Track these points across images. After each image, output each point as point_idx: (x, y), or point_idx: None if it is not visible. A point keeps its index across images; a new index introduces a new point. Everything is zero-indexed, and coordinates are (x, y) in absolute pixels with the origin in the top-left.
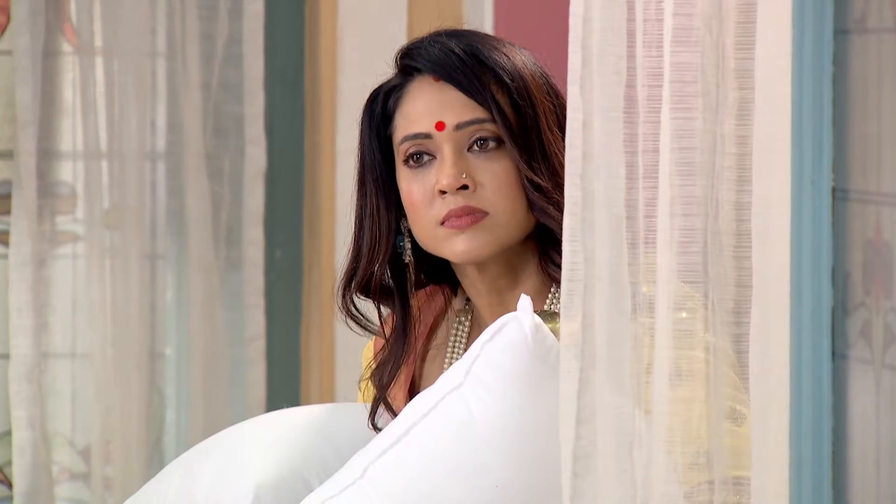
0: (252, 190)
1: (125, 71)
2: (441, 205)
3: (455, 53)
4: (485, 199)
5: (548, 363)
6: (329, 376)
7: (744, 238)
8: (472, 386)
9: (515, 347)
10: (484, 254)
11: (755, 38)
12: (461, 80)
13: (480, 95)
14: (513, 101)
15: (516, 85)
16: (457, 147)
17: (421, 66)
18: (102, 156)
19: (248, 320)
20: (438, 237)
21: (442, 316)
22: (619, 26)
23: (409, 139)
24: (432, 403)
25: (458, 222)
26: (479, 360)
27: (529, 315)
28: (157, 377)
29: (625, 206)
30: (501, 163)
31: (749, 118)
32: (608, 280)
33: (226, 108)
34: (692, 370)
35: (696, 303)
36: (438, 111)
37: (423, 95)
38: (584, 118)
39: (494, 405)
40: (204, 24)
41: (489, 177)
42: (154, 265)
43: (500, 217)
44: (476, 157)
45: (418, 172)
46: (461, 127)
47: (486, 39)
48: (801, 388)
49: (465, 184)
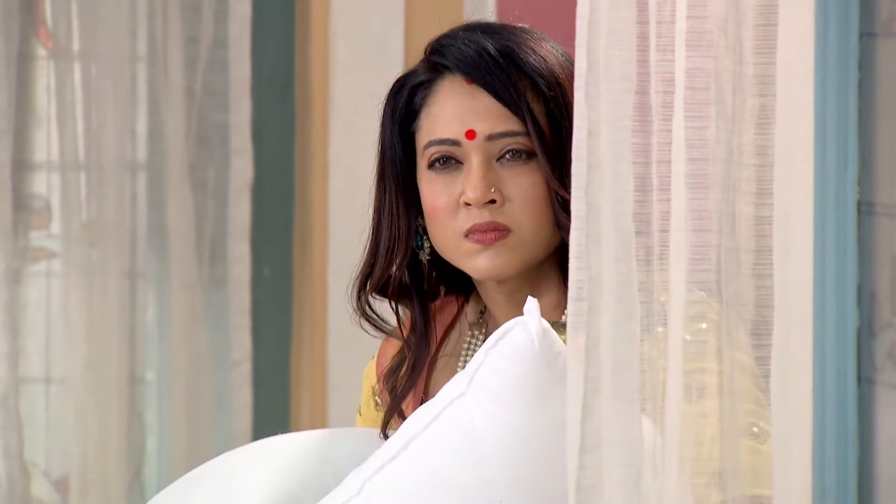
0: (238, 203)
1: (104, 76)
2: (465, 217)
3: (490, 55)
4: (511, 215)
5: (555, 370)
6: (321, 403)
7: (764, 255)
8: (475, 395)
9: (521, 353)
10: (506, 272)
11: (776, 41)
12: (496, 86)
13: (515, 105)
14: (548, 111)
15: (553, 94)
16: (486, 157)
17: (452, 66)
18: (79, 167)
19: (234, 342)
20: (461, 250)
21: (454, 326)
22: (627, 29)
23: (435, 144)
24: (433, 414)
25: (482, 237)
26: (482, 367)
27: (536, 319)
28: (137, 403)
29: (634, 221)
30: (532, 177)
31: (769, 127)
32: (615, 299)
33: (210, 116)
34: (704, 386)
35: (713, 313)
36: (469, 118)
37: (453, 98)
38: (590, 127)
39: (499, 415)
40: (187, 26)
41: (518, 191)
42: (134, 283)
43: (526, 235)
44: (505, 169)
45: (442, 177)
46: (493, 138)
47: (521, 37)
48: (825, 414)
49: (493, 198)
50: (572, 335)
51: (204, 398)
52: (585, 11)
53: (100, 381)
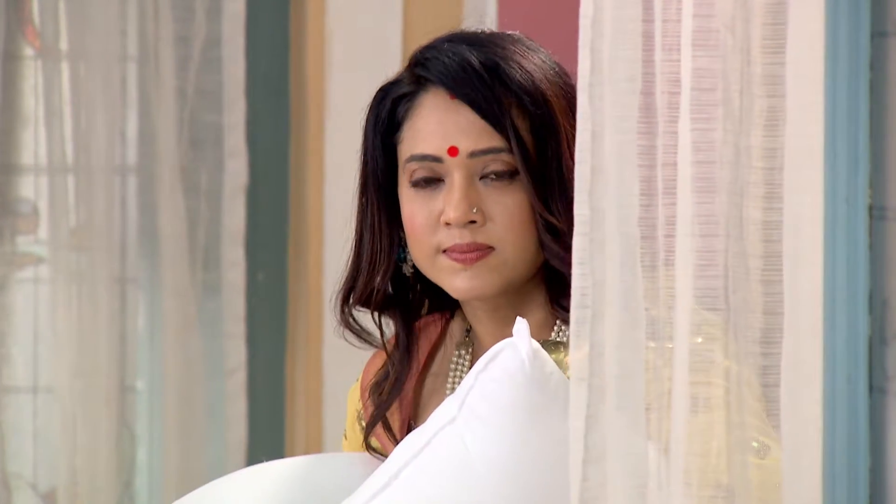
0: (232, 207)
1: (93, 77)
2: (446, 235)
3: (474, 68)
4: (493, 234)
5: (547, 391)
6: (316, 412)
7: (772, 261)
8: (466, 420)
9: (512, 375)
10: (487, 293)
11: (785, 40)
12: (479, 102)
13: (499, 121)
14: (533, 128)
15: (540, 112)
16: (468, 175)
17: (435, 80)
18: (68, 170)
19: (228, 350)
20: (438, 266)
21: (439, 344)
22: (632, 28)
23: (416, 159)
24: (424, 441)
25: (462, 257)
26: (473, 391)
27: (526, 340)
28: (127, 413)
29: (639, 226)
30: (515, 197)
31: (778, 129)
32: (619, 306)
33: (203, 117)
34: (710, 400)
35: (715, 328)
36: (452, 134)
37: (436, 113)
38: (594, 129)
39: (492, 439)
40: (179, 25)
41: (500, 210)
42: (124, 290)
43: (508, 255)
44: (487, 188)
45: (424, 194)
46: (476, 155)
47: (507, 50)
48: (836, 425)
49: (474, 219)
50: (575, 343)
51: (197, 408)
52: (589, 10)
53: (89, 390)
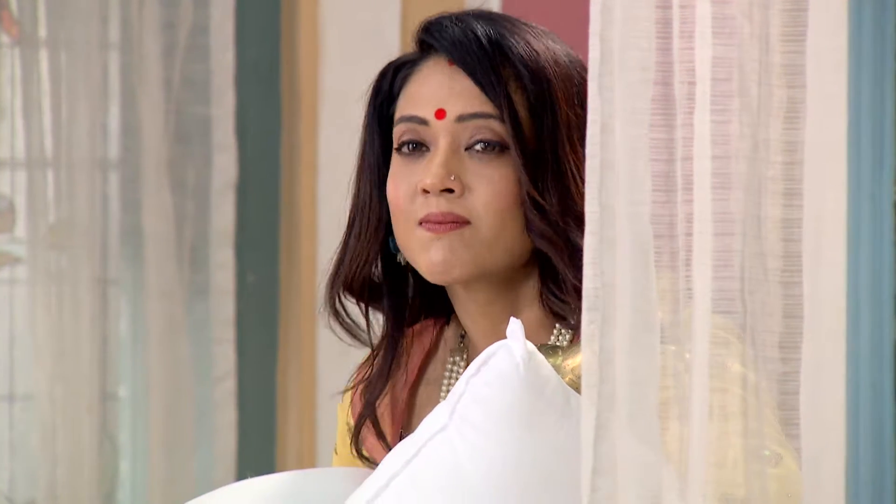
0: (220, 204)
1: (73, 66)
2: (422, 204)
3: (476, 37)
4: (471, 207)
5: (544, 396)
6: (309, 420)
7: (792, 260)
8: (458, 426)
9: (505, 379)
10: (462, 272)
11: (806, 28)
12: (475, 67)
13: (493, 89)
14: (530, 105)
15: (537, 88)
16: (454, 142)
17: (436, 45)
18: (47, 164)
19: (216, 356)
20: (414, 241)
21: (433, 353)
22: (645, 14)
23: (404, 121)
24: (415, 450)
25: (434, 227)
26: (464, 396)
27: (521, 342)
28: (109, 422)
29: (653, 223)
30: (501, 171)
31: (798, 121)
32: (631, 308)
33: (190, 109)
34: (726, 408)
35: (728, 333)
36: (443, 97)
37: (432, 77)
38: (604, 121)
39: (485, 447)
40: (164, 10)
41: (482, 183)
42: (106, 291)
43: (484, 231)
44: (473, 159)
45: (408, 163)
46: (464, 119)
47: (518, 27)
48: (859, 434)
49: (451, 187)
50: (586, 347)
51: (183, 417)
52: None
53: (69, 398)
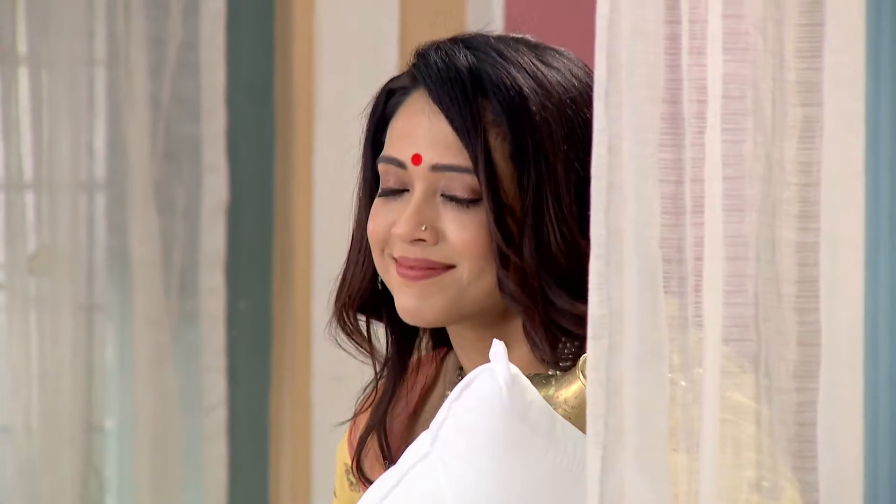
0: (211, 227)
1: (56, 83)
2: (397, 245)
3: (458, 73)
4: (448, 252)
5: (527, 422)
6: (304, 453)
7: (807, 286)
8: (440, 454)
9: (487, 404)
10: (435, 318)
11: (822, 43)
12: (453, 113)
13: (468, 138)
14: (514, 153)
15: (519, 135)
16: (429, 189)
17: (419, 79)
18: (26, 186)
19: (206, 386)
20: (390, 278)
21: (433, 387)
22: (653, 30)
23: (385, 161)
24: (395, 480)
25: (407, 272)
26: (446, 422)
27: (503, 364)
28: (94, 455)
29: (662, 247)
30: (476, 219)
31: (814, 141)
32: (638, 336)
33: (179, 128)
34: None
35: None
36: (419, 141)
37: (413, 116)
38: (611, 141)
39: (467, 475)
40: (152, 25)
41: (455, 231)
42: (91, 319)
43: (465, 274)
44: (447, 206)
45: (388, 202)
46: (438, 169)
47: (509, 57)
48: (878, 468)
49: (422, 237)
50: (592, 377)
51: (172, 450)
52: (605, 10)
53: (50, 430)
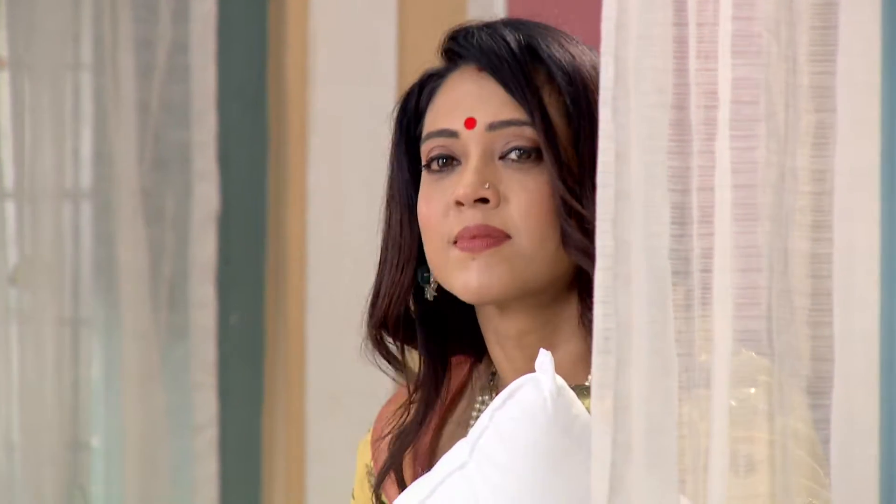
0: (201, 237)
1: (39, 88)
2: (455, 219)
3: (505, 41)
4: (508, 219)
5: (572, 435)
6: (298, 473)
7: (821, 299)
8: (479, 465)
9: (531, 415)
10: (501, 291)
11: (836, 47)
12: (505, 71)
13: (523, 94)
14: (566, 109)
15: (573, 91)
16: (487, 151)
17: (462, 52)
18: (8, 196)
19: (197, 402)
20: (449, 262)
21: (464, 391)
22: (661, 32)
23: (433, 136)
24: (430, 489)
25: (471, 244)
26: (487, 431)
27: (550, 375)
28: (79, 474)
29: (670, 259)
30: (538, 179)
31: (828, 148)
32: (648, 351)
33: (168, 134)
34: (753, 458)
35: (763, 374)
36: (472, 106)
37: (460, 87)
38: (618, 149)
39: (506, 488)
40: (140, 27)
41: (519, 192)
42: (76, 333)
43: (524, 244)
44: (508, 168)
45: (440, 180)
46: (495, 127)
47: (551, 31)
48: (893, 486)
49: (486, 196)
50: (598, 394)
51: (161, 468)
52: (612, 13)
53: (32, 448)
